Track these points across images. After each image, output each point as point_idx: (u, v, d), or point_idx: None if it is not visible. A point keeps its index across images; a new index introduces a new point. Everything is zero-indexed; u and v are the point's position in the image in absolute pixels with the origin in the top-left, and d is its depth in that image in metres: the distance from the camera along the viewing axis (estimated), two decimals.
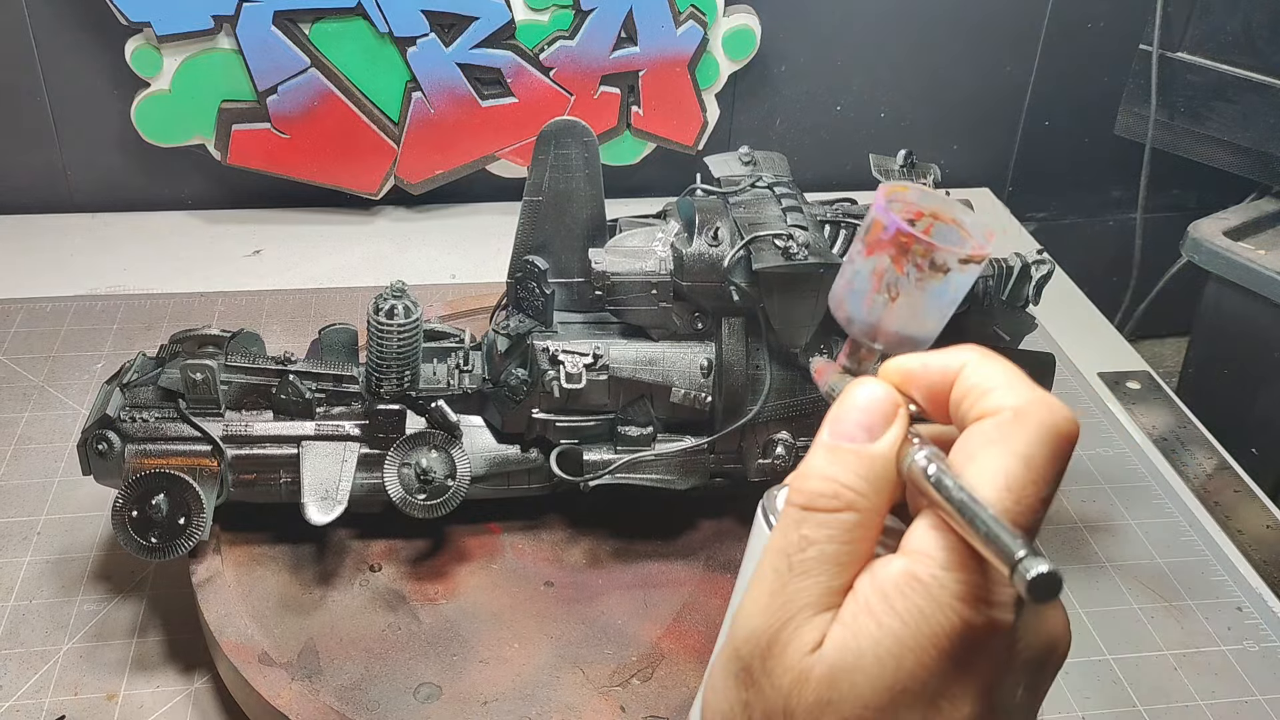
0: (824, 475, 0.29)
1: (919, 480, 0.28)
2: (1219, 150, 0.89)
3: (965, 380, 0.29)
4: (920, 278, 0.30)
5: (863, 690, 0.27)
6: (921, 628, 0.27)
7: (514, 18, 0.85)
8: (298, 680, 0.47)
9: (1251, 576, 0.60)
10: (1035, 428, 0.27)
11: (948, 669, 0.27)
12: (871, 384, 0.30)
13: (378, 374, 0.52)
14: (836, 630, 0.28)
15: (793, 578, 0.28)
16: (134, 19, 0.81)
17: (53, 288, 0.80)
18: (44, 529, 0.59)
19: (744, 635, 0.29)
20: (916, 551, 0.27)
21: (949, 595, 0.27)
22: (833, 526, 0.28)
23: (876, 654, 0.27)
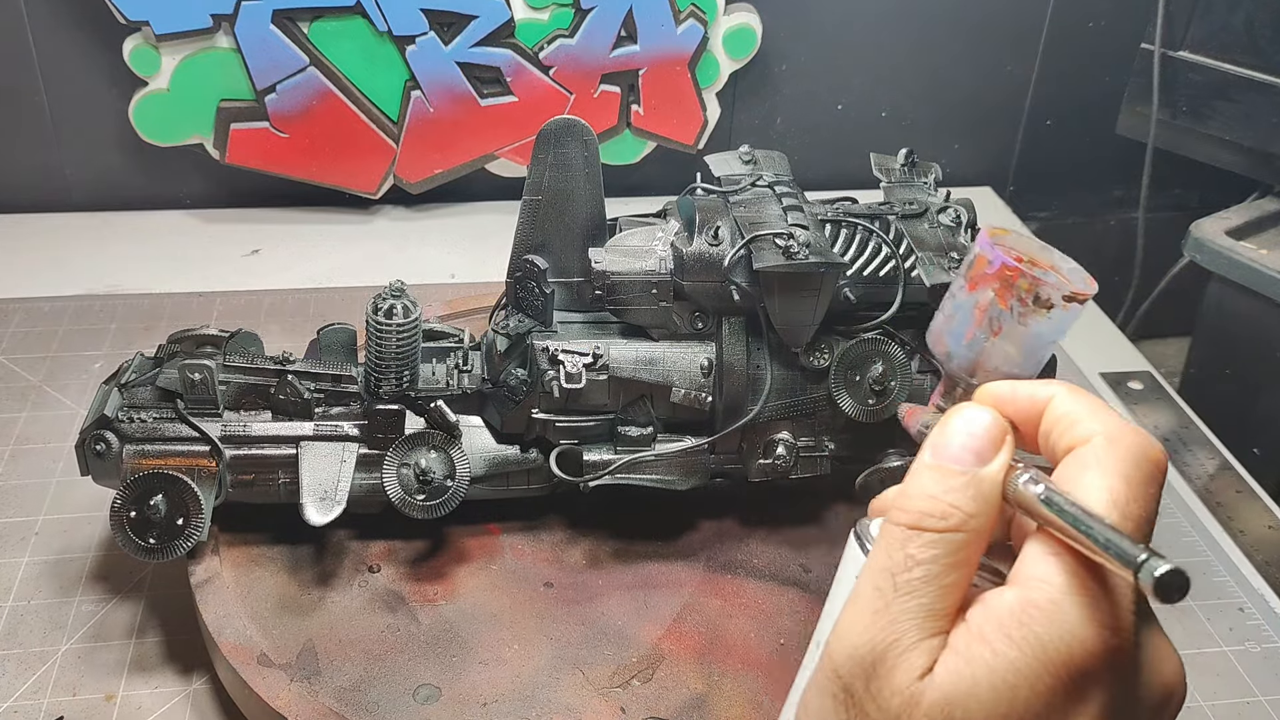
0: (932, 495, 0.29)
1: (1029, 503, 0.27)
2: (1221, 149, 0.89)
3: (1054, 410, 0.29)
4: (1024, 313, 0.30)
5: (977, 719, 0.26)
6: (1039, 655, 0.26)
7: (513, 16, 0.85)
8: (296, 681, 0.47)
9: (1254, 577, 0.60)
10: (1130, 450, 0.28)
11: (1065, 700, 0.26)
12: (978, 409, 0.30)
13: (376, 374, 0.52)
14: (949, 657, 0.27)
15: (897, 597, 0.28)
16: (132, 18, 0.80)
17: (51, 287, 0.80)
18: (42, 529, 0.59)
19: (845, 654, 0.28)
20: (1032, 578, 0.27)
21: (1068, 620, 0.26)
22: (940, 546, 0.28)
23: (992, 683, 0.26)
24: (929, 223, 0.54)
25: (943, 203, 0.55)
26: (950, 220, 0.54)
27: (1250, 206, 0.89)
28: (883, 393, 0.52)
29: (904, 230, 0.53)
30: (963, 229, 0.54)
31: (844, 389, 0.52)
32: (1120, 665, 0.27)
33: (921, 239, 0.53)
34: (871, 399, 0.52)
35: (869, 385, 0.52)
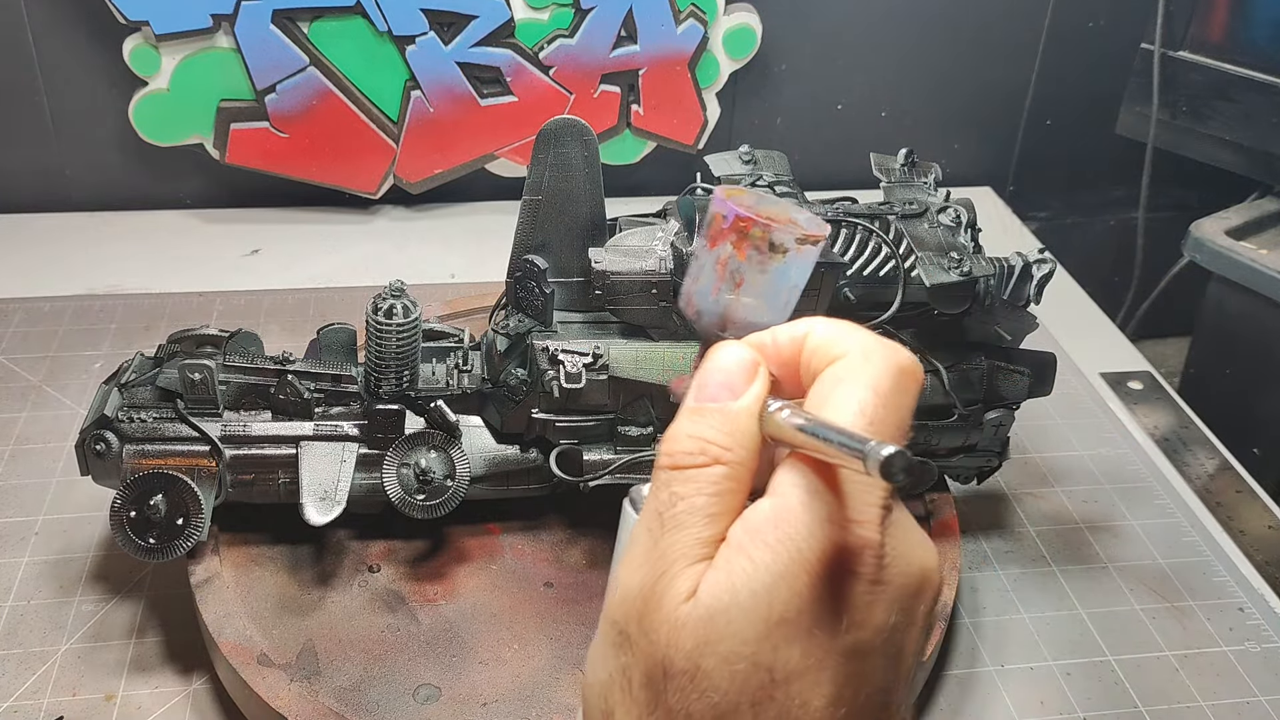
0: (688, 434, 0.29)
1: (781, 430, 0.29)
2: (1221, 149, 0.89)
3: (811, 342, 0.30)
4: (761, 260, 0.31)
5: (740, 627, 0.27)
6: (792, 554, 0.27)
7: (513, 16, 0.85)
8: (296, 681, 0.47)
9: (1254, 577, 0.60)
10: (879, 362, 0.29)
11: (821, 595, 0.27)
12: (730, 346, 0.31)
13: (376, 374, 0.52)
14: (711, 574, 0.28)
15: (664, 533, 0.29)
16: (132, 18, 0.80)
17: (51, 287, 0.80)
18: (42, 529, 0.59)
19: (619, 600, 0.29)
20: (780, 488, 0.28)
21: (814, 519, 0.27)
22: (700, 480, 0.29)
23: (751, 588, 0.27)
24: (929, 223, 0.54)
25: (943, 203, 0.55)
26: (950, 220, 0.54)
27: (1250, 206, 0.89)
28: None
29: (904, 230, 0.53)
30: (963, 229, 0.54)
31: None
32: (870, 556, 0.27)
33: (921, 239, 0.53)
34: None
35: None
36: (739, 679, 0.27)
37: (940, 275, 0.51)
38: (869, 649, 0.28)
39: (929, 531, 0.57)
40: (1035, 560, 0.61)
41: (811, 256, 0.32)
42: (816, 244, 0.31)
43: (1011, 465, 0.67)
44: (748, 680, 0.27)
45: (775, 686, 0.27)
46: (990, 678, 0.54)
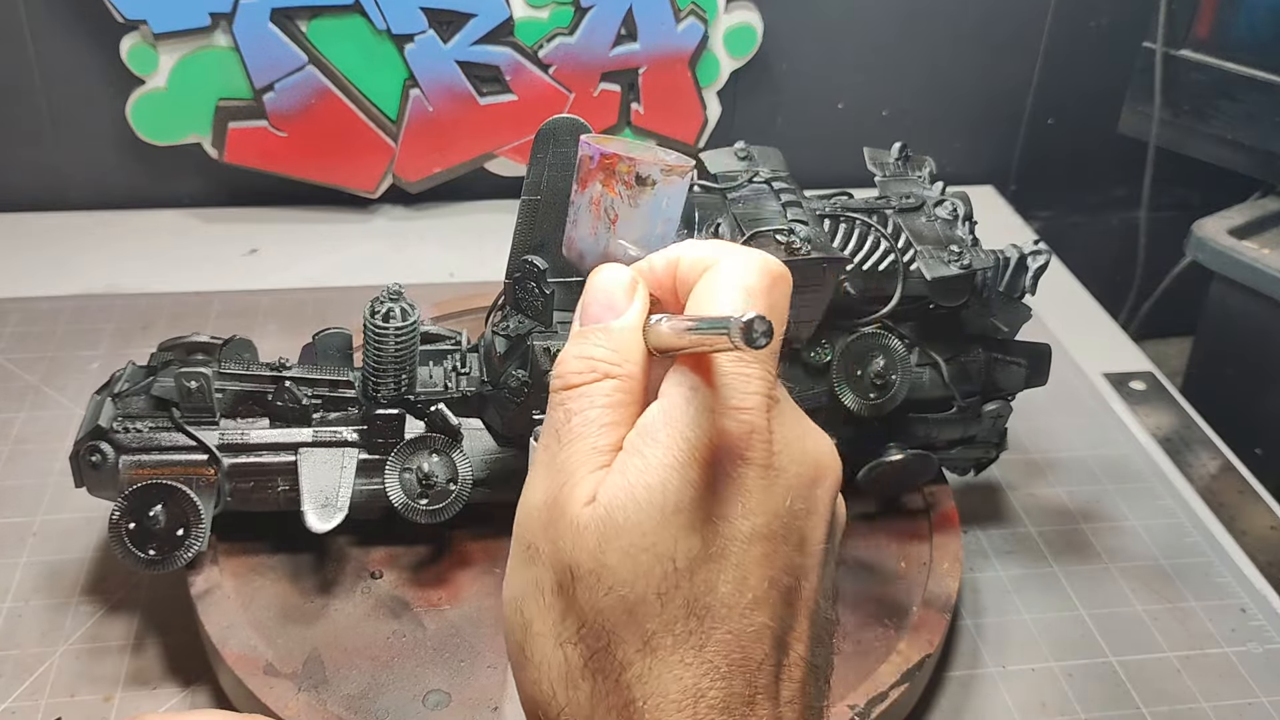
0: (575, 355, 0.30)
1: (662, 339, 0.30)
2: (1223, 149, 0.89)
3: (684, 262, 0.31)
4: (631, 195, 0.32)
5: (638, 520, 0.28)
6: (681, 445, 0.28)
7: (513, 15, 0.84)
8: (304, 691, 0.46)
9: (1255, 578, 0.60)
10: (745, 264, 0.30)
11: (714, 483, 0.28)
12: (608, 268, 0.32)
13: (374, 378, 0.51)
14: (608, 477, 0.28)
15: (562, 448, 0.29)
16: (130, 16, 0.80)
17: (48, 287, 0.80)
18: (40, 530, 0.59)
19: (524, 516, 0.30)
20: (666, 390, 0.29)
21: (698, 411, 0.28)
22: (592, 394, 0.30)
23: (646, 483, 0.28)
24: (926, 216, 0.54)
25: (939, 196, 0.55)
26: (947, 213, 0.54)
27: (1252, 206, 0.88)
28: (884, 386, 0.52)
29: (901, 224, 0.53)
30: (959, 221, 0.54)
31: (846, 383, 0.52)
32: (759, 442, 0.28)
33: (919, 232, 0.53)
34: (873, 393, 0.52)
35: (870, 379, 0.52)
36: (642, 570, 0.27)
37: (940, 268, 0.51)
38: (769, 534, 0.28)
39: (929, 525, 0.57)
40: (1037, 560, 0.61)
41: (680, 188, 0.33)
42: (684, 175, 0.33)
43: (1014, 465, 0.67)
44: (651, 570, 0.27)
45: (679, 575, 0.28)
46: (992, 679, 0.54)
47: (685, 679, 0.27)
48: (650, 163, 0.32)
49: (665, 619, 0.28)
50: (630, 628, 0.28)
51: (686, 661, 0.27)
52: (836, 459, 0.31)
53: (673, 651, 0.27)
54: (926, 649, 0.50)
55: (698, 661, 0.27)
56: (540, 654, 0.29)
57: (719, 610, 0.28)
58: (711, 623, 0.28)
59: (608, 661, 0.28)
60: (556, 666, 0.28)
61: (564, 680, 0.28)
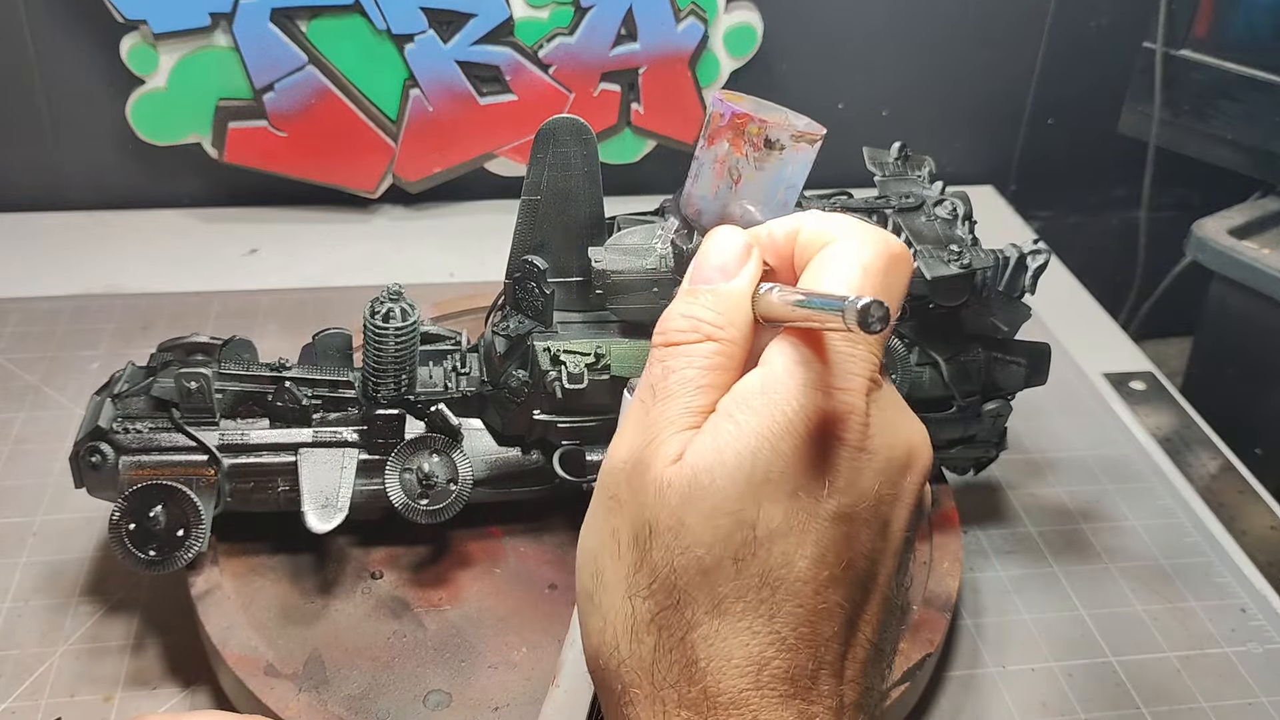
0: (681, 314, 0.30)
1: (772, 309, 0.29)
2: (1223, 148, 0.89)
3: (804, 234, 0.31)
4: (758, 158, 0.32)
5: (723, 485, 0.28)
6: (777, 419, 0.28)
7: (513, 15, 0.84)
8: (305, 691, 0.46)
9: (1256, 578, 0.60)
10: (869, 243, 0.30)
11: (803, 458, 0.28)
12: (724, 230, 0.32)
13: (374, 379, 0.51)
14: (698, 438, 0.28)
15: (655, 403, 0.29)
16: (130, 16, 0.80)
17: (48, 287, 0.80)
18: (40, 530, 0.59)
19: (611, 466, 0.30)
20: (769, 360, 0.29)
21: (799, 385, 0.28)
22: (692, 354, 0.30)
23: (735, 449, 0.28)
24: (925, 215, 0.54)
25: (939, 195, 0.55)
26: (947, 213, 0.54)
27: (1253, 206, 0.88)
28: None
29: (901, 224, 0.53)
30: (959, 221, 0.54)
31: None
32: (856, 424, 0.28)
33: (919, 232, 0.53)
34: None
35: None
36: (722, 534, 0.28)
37: (940, 268, 0.51)
38: (853, 515, 0.28)
39: (929, 525, 0.57)
40: (1037, 560, 0.61)
41: (808, 155, 0.33)
42: (813, 142, 0.32)
43: (1014, 465, 0.67)
44: (731, 536, 0.28)
45: (758, 544, 0.28)
46: (992, 679, 0.54)
47: (751, 646, 0.27)
48: (781, 126, 0.32)
49: (739, 585, 0.27)
50: (702, 589, 0.28)
51: (755, 629, 0.27)
52: (929, 447, 0.31)
53: (741, 618, 0.27)
54: (927, 648, 0.50)
55: (766, 630, 0.27)
56: (609, 604, 0.29)
57: (793, 584, 0.28)
58: (784, 595, 0.28)
59: (676, 619, 0.28)
60: (624, 618, 0.29)
61: (629, 632, 0.28)
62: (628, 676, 0.28)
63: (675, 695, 0.28)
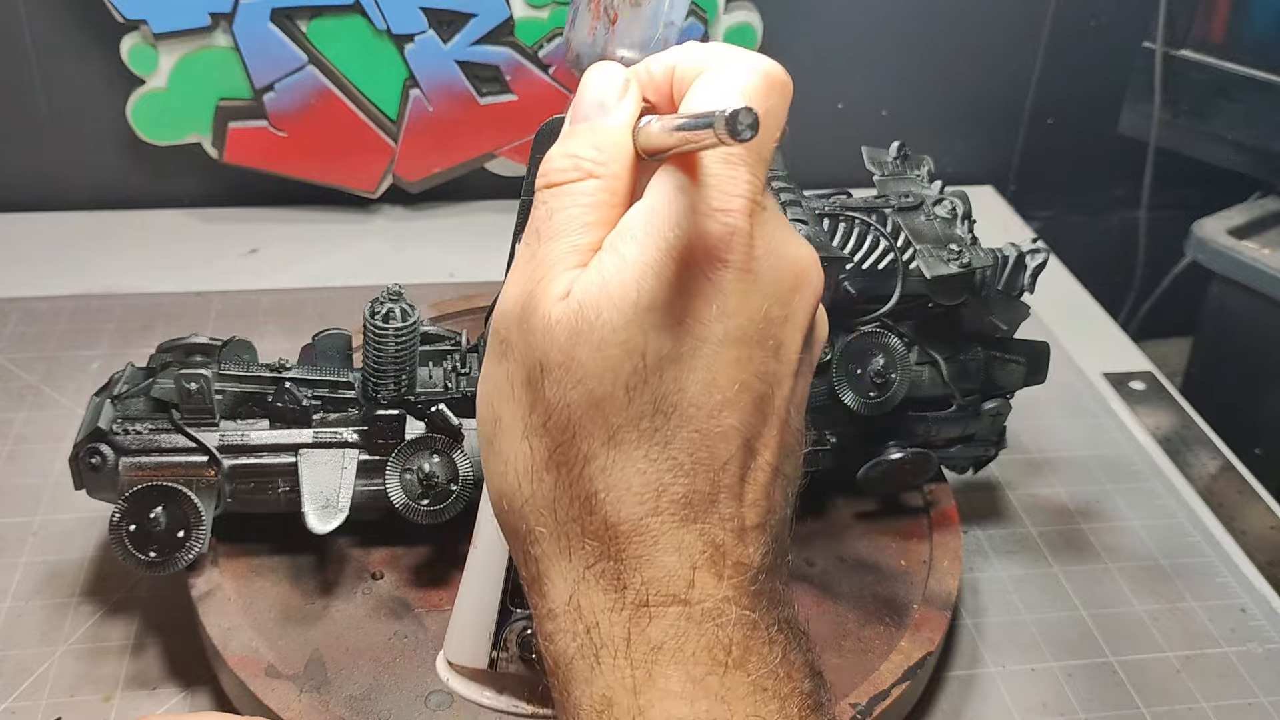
0: (562, 153, 0.30)
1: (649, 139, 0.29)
2: (1223, 148, 0.89)
3: (681, 66, 0.30)
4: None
5: (609, 316, 0.27)
6: (658, 244, 0.27)
7: (513, 15, 0.84)
8: (306, 692, 0.46)
9: (1255, 578, 0.60)
10: (743, 66, 0.29)
11: (689, 283, 0.27)
12: (601, 66, 0.31)
13: (374, 379, 0.51)
14: (582, 274, 0.28)
15: (541, 244, 0.29)
16: (130, 16, 0.80)
17: (48, 287, 0.79)
18: (40, 530, 0.59)
19: (500, 310, 0.30)
20: (649, 191, 0.28)
21: (680, 210, 0.27)
22: (574, 192, 0.29)
23: (620, 279, 0.27)
24: (925, 215, 0.54)
25: (938, 194, 0.55)
26: (946, 212, 0.54)
27: (1252, 206, 0.88)
28: (884, 385, 0.52)
29: (900, 223, 0.53)
30: (958, 220, 0.54)
31: (846, 382, 0.52)
32: (739, 245, 0.28)
33: (919, 231, 0.53)
34: (873, 391, 0.52)
35: (870, 378, 0.52)
36: (611, 365, 0.27)
37: (940, 267, 0.51)
38: (743, 338, 0.28)
39: (929, 524, 0.57)
40: (1037, 561, 0.61)
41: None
42: None
43: (1013, 465, 0.67)
44: (620, 366, 0.27)
45: (648, 371, 0.27)
46: (992, 679, 0.54)
47: (648, 473, 0.27)
48: None
49: (631, 414, 0.27)
50: (596, 421, 0.27)
51: (650, 456, 0.27)
52: (819, 269, 0.30)
53: (637, 446, 0.27)
54: (928, 647, 0.50)
55: (662, 457, 0.27)
56: (508, 446, 0.29)
57: (686, 409, 0.28)
58: (678, 421, 0.27)
59: (572, 453, 0.28)
60: (522, 458, 0.28)
61: (529, 472, 0.28)
62: (531, 516, 0.28)
63: (578, 529, 0.28)
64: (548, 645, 0.29)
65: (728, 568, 0.28)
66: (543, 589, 0.29)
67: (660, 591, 0.27)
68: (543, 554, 0.29)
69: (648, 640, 0.27)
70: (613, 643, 0.27)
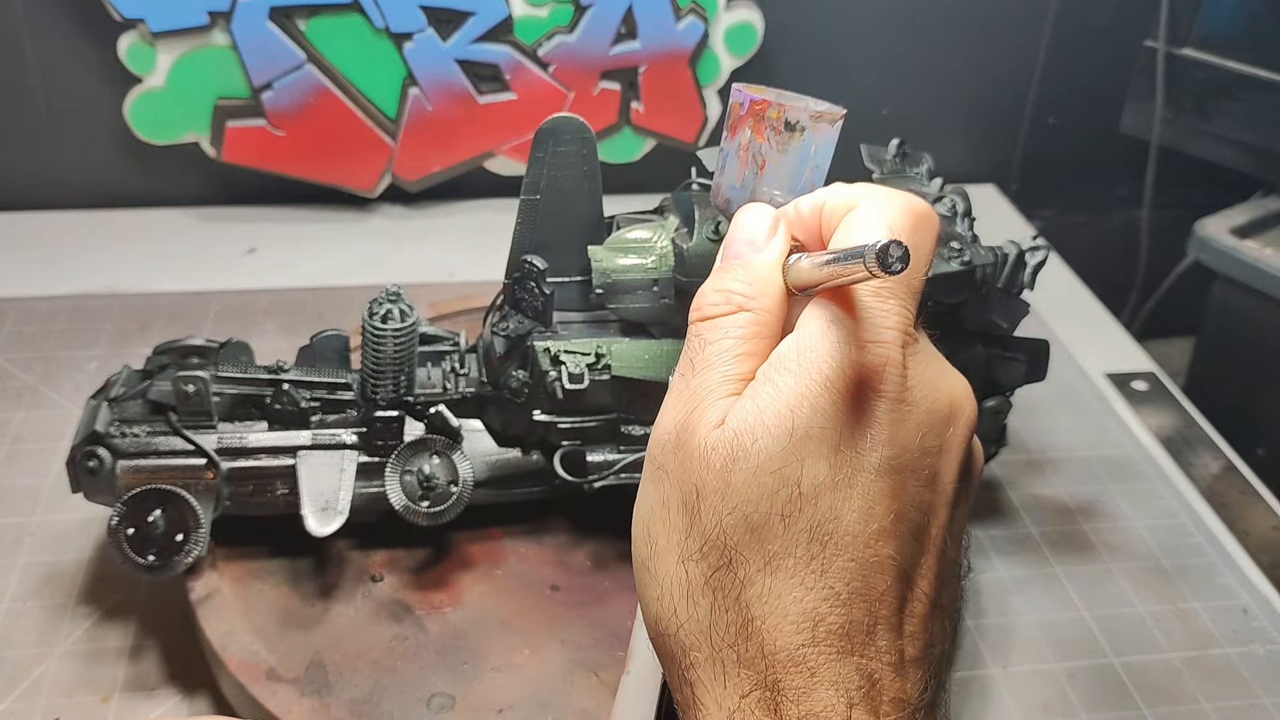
0: (714, 289, 0.31)
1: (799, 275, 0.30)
2: (1226, 147, 0.89)
3: (829, 205, 0.32)
4: (780, 141, 0.33)
5: (765, 444, 0.28)
6: (814, 377, 0.28)
7: (512, 13, 0.84)
8: (307, 696, 0.46)
9: (1258, 578, 0.60)
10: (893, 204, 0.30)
11: (843, 412, 0.28)
12: (752, 206, 0.33)
13: (373, 380, 0.51)
14: (739, 403, 0.29)
15: (695, 375, 0.30)
16: (128, 15, 0.80)
17: (46, 286, 0.79)
18: (38, 530, 0.59)
19: (656, 438, 0.31)
20: (802, 324, 0.29)
21: (833, 342, 0.29)
22: (727, 325, 0.30)
23: (775, 409, 0.28)
24: None
25: (938, 192, 0.55)
26: (946, 210, 0.54)
27: (1255, 205, 0.88)
28: None
29: None
30: (959, 218, 0.54)
31: None
32: (893, 375, 0.29)
33: None
34: None
35: None
36: (767, 491, 0.28)
37: (941, 265, 0.51)
38: (898, 467, 0.28)
39: None
40: (1039, 561, 0.61)
41: (831, 135, 0.33)
42: (834, 122, 0.33)
43: (1015, 464, 0.67)
44: (776, 493, 0.28)
45: (804, 499, 0.28)
46: (993, 680, 0.54)
47: (805, 601, 0.27)
48: (800, 109, 0.33)
49: (787, 541, 0.28)
50: (752, 547, 0.28)
51: (807, 585, 0.28)
52: (973, 401, 0.31)
53: (793, 574, 0.28)
54: None
55: (819, 586, 0.28)
56: (663, 570, 0.29)
57: (842, 537, 0.28)
58: (834, 549, 0.28)
59: (729, 579, 0.28)
60: (678, 583, 0.29)
61: (685, 596, 0.29)
62: (687, 640, 0.29)
63: (734, 655, 0.28)
64: None
65: (885, 704, 0.28)
66: (697, 716, 0.29)
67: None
68: (698, 679, 0.29)
69: None
70: None
